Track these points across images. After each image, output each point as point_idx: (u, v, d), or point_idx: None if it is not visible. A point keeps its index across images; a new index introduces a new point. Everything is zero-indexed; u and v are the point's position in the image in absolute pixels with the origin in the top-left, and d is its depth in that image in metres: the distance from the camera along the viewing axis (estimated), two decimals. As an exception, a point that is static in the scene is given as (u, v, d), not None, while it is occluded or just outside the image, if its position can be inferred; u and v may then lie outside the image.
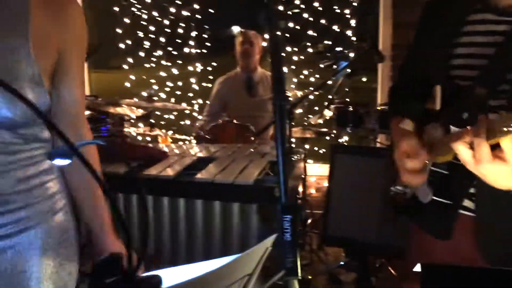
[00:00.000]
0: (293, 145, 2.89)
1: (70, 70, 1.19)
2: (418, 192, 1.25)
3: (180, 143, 3.17)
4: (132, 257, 0.49)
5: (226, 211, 2.05)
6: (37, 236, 1.14)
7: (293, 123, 2.85)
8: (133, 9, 4.47)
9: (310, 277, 2.99)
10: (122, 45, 4.51)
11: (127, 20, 4.48)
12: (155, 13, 4.53)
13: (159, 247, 2.12)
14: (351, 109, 3.24)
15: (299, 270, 0.87)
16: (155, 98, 3.36)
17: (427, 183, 1.19)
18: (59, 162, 0.59)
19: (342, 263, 3.07)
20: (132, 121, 3.50)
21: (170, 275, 0.60)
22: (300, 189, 3.52)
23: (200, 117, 3.74)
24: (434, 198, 1.19)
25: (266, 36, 3.80)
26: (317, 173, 4.39)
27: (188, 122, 4.58)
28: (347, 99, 3.58)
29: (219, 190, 2.06)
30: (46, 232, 1.15)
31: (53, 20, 1.13)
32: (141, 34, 4.51)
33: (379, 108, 3.19)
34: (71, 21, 1.18)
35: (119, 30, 4.47)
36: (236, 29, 4.79)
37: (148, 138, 3.73)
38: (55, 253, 1.17)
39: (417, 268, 0.85)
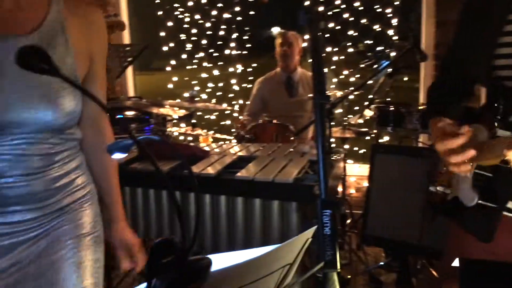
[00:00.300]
0: (333, 145, 2.90)
1: (97, 75, 1.27)
2: (462, 195, 1.23)
3: (221, 142, 3.23)
4: (185, 241, 0.53)
5: (266, 208, 2.09)
6: (69, 227, 1.22)
7: (333, 123, 2.85)
8: (176, 12, 4.59)
9: (349, 276, 2.99)
10: (165, 48, 4.64)
11: (170, 24, 4.60)
12: (197, 16, 4.64)
13: (201, 242, 2.19)
14: (392, 108, 3.21)
15: (338, 263, 0.89)
16: (197, 99, 3.45)
17: (472, 186, 1.18)
18: (117, 156, 0.65)
19: (382, 263, 3.05)
20: (175, 121, 3.60)
21: (215, 261, 0.64)
22: (340, 189, 3.52)
23: (241, 117, 3.80)
24: (480, 202, 1.17)
25: (306, 36, 3.82)
26: (357, 173, 4.37)
27: (228, 122, 4.66)
28: (388, 99, 3.54)
29: (259, 188, 2.10)
30: (77, 222, 1.23)
31: (84, 28, 1.21)
32: (183, 37, 4.62)
33: (420, 107, 3.14)
34: (97, 28, 1.25)
35: (162, 33, 4.60)
36: (276, 30, 4.82)
37: (190, 138, 3.83)
38: (86, 241, 1.24)
39: (455, 263, 0.85)
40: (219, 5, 4.59)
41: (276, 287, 0.75)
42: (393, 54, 4.08)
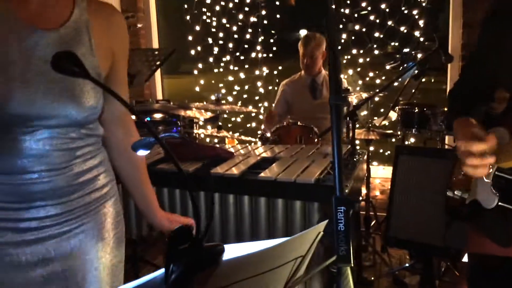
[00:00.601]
0: (357, 147, 2.91)
1: (118, 75, 1.31)
2: (481, 197, 1.23)
3: (246, 144, 3.29)
4: (200, 228, 0.58)
5: (288, 208, 2.13)
6: (93, 231, 1.24)
7: (357, 125, 2.87)
8: (203, 17, 4.68)
9: (373, 278, 2.99)
10: (192, 52, 4.73)
11: (197, 28, 4.69)
12: (224, 20, 4.72)
13: (224, 241, 2.25)
14: (417, 110, 3.20)
15: (351, 258, 0.93)
16: (223, 102, 3.52)
17: (492, 188, 1.18)
18: (142, 152, 0.70)
19: (406, 265, 3.05)
20: (201, 123, 3.68)
21: (228, 250, 0.68)
22: (364, 191, 3.52)
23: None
24: (500, 204, 1.17)
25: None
26: (381, 175, 4.35)
27: (254, 124, 4.72)
28: (414, 101, 3.52)
29: (281, 188, 2.15)
30: (100, 225, 1.26)
31: (106, 28, 1.24)
32: (210, 40, 4.71)
33: (445, 109, 3.12)
34: (118, 29, 1.29)
35: (190, 38, 4.70)
36: (303, 32, 4.85)
37: (216, 140, 3.90)
38: (109, 243, 1.28)
39: (465, 259, 0.87)
40: (246, 9, 4.65)
41: (289, 278, 0.79)
42: (419, 55, 4.05)
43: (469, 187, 1.30)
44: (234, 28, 4.70)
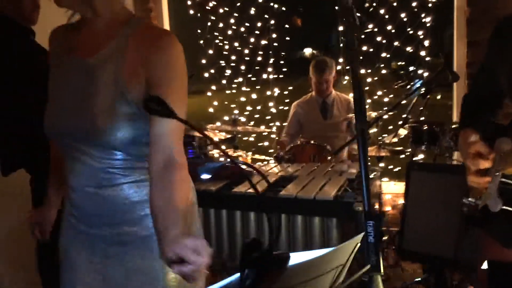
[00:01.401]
0: (369, 163, 3.02)
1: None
2: (489, 202, 1.33)
3: (264, 163, 3.41)
4: (271, 240, 0.71)
5: (307, 224, 2.25)
6: (139, 239, 1.30)
7: (369, 142, 2.99)
8: (216, 41, 4.85)
9: (388, 291, 3.07)
10: (206, 74, 4.90)
11: (210, 51, 4.86)
12: (236, 44, 4.90)
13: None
14: (426, 127, 3.32)
15: (381, 267, 1.05)
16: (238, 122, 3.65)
17: (498, 193, 1.30)
18: (205, 176, 0.84)
19: (419, 279, 3.12)
20: (218, 143, 3.79)
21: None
22: (376, 206, 3.62)
23: (280, 138, 3.98)
24: (504, 207, 1.29)
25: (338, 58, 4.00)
26: (392, 190, 4.45)
27: (266, 143, 4.85)
28: (422, 118, 3.64)
29: (301, 205, 2.26)
30: (145, 235, 1.30)
31: (146, 53, 1.22)
32: (223, 63, 4.88)
33: (454, 126, 3.24)
34: (162, 56, 1.21)
35: (203, 61, 4.87)
36: (308, 50, 5.00)
37: (228, 160, 4.00)
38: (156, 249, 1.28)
39: (484, 265, 0.97)
40: (257, 32, 4.84)
41: (331, 285, 0.91)
42: (425, 74, 4.19)
43: (481, 194, 1.41)
44: (246, 51, 4.88)
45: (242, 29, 4.85)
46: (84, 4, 1.25)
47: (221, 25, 4.87)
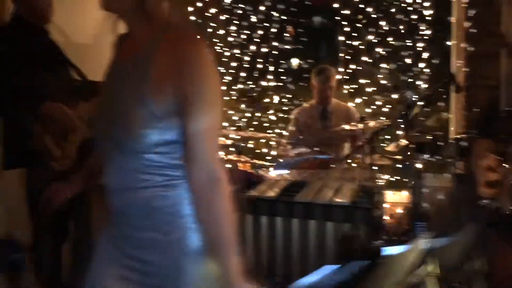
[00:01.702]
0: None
1: (192, 113, 1.20)
2: (502, 203, 1.40)
3: (265, 169, 3.41)
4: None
5: (321, 229, 2.24)
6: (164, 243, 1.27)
7: (376, 151, 3.02)
8: (216, 47, 4.86)
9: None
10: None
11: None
12: (236, 51, 4.92)
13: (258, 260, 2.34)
14: (427, 137, 3.36)
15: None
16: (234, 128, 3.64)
17: (509, 195, 1.37)
18: (279, 172, 0.83)
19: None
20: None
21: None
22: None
23: (283, 140, 4.02)
24: None
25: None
26: (391, 200, 4.47)
27: (265, 150, 4.85)
28: (423, 128, 3.69)
29: (315, 210, 2.27)
30: (170, 239, 1.27)
31: (173, 63, 1.20)
32: (223, 70, 4.88)
33: (457, 136, 3.29)
34: (189, 67, 1.20)
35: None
36: (295, 61, 5.06)
37: (228, 165, 4.00)
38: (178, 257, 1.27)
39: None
40: (256, 40, 4.87)
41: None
42: (425, 86, 4.28)
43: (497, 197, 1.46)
44: (246, 58, 4.90)
45: (243, 36, 4.88)
46: (136, 7, 1.23)
47: (221, 32, 4.90)
